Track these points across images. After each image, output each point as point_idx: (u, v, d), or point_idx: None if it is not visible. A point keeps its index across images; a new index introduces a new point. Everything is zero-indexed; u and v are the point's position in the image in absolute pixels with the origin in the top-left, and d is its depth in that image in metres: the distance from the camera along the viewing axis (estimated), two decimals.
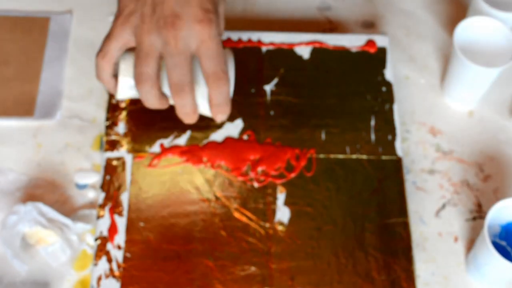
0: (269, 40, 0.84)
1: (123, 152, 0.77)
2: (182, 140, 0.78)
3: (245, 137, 0.78)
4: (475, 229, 0.77)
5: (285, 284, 0.70)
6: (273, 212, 0.74)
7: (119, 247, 0.71)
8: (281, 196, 0.75)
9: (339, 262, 0.72)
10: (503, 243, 0.73)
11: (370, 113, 0.80)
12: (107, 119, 0.79)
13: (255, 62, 0.83)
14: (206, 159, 0.76)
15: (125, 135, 0.78)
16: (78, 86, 0.84)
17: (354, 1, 0.93)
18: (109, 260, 0.71)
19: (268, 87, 0.81)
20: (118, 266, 0.70)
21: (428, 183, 0.79)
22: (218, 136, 0.78)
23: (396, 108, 0.81)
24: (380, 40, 0.85)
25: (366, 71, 0.83)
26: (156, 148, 0.77)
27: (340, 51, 0.84)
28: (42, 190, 0.77)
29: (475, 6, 0.83)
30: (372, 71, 0.83)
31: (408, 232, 0.73)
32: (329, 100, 0.81)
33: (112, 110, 0.79)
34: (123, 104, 0.79)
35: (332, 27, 0.90)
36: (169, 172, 0.76)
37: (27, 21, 0.87)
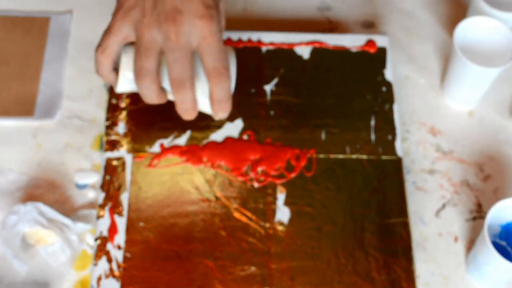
0: (269, 40, 0.84)
1: (123, 152, 0.77)
2: (182, 140, 0.78)
3: (245, 137, 0.78)
4: (475, 229, 0.77)
5: (285, 284, 0.70)
6: (273, 212, 0.74)
7: (119, 247, 0.71)
8: (281, 196, 0.75)
9: (339, 262, 0.72)
10: (503, 243, 0.73)
11: (370, 113, 0.80)
12: (107, 119, 0.79)
13: (255, 62, 0.83)
14: (206, 159, 0.76)
15: (125, 135, 0.78)
16: (78, 86, 0.84)
17: (354, 1, 0.93)
18: (109, 260, 0.71)
19: (268, 87, 0.81)
20: (118, 266, 0.70)
21: (428, 183, 0.79)
22: (218, 136, 0.78)
23: (396, 108, 0.81)
24: (380, 40, 0.85)
25: (366, 71, 0.83)
26: (156, 148, 0.77)
27: (340, 51, 0.84)
28: (42, 190, 0.77)
29: (475, 6, 0.83)
30: (372, 71, 0.83)
31: (408, 232, 0.73)
32: (329, 100, 0.81)
33: (112, 110, 0.79)
34: (123, 104, 0.79)
35: (332, 27, 0.90)
36: (169, 172, 0.76)
37: (27, 21, 0.87)
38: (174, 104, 0.64)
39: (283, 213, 0.74)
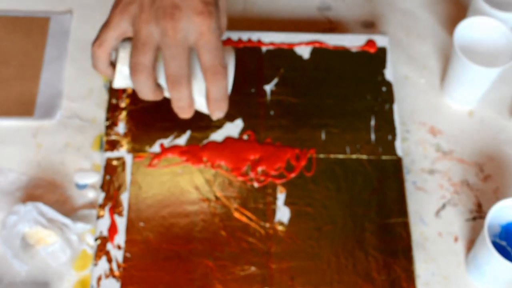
0: (269, 40, 0.84)
1: (123, 152, 0.77)
2: (182, 140, 0.78)
3: (245, 137, 0.78)
4: (475, 229, 0.77)
5: (285, 284, 0.70)
6: (273, 212, 0.74)
7: (119, 247, 0.71)
8: (281, 196, 0.75)
9: (339, 262, 0.72)
10: (503, 243, 0.73)
11: (370, 113, 0.80)
12: (107, 119, 0.79)
13: (255, 62, 0.83)
14: (206, 159, 0.76)
15: (125, 135, 0.78)
16: (78, 86, 0.84)
17: (354, 1, 0.93)
18: (109, 260, 0.71)
19: (268, 87, 0.81)
20: (118, 266, 0.70)
21: (428, 183, 0.79)
22: (218, 136, 0.78)
23: (396, 108, 0.81)
24: (380, 40, 0.85)
25: (366, 71, 0.83)
26: (156, 148, 0.77)
27: (340, 51, 0.84)
28: (42, 190, 0.77)
29: (475, 6, 0.83)
30: (372, 71, 0.83)
31: (408, 232, 0.73)
32: (329, 100, 0.81)
33: (112, 110, 0.79)
34: (123, 104, 0.79)
35: (332, 27, 0.90)
36: (169, 172, 0.76)
37: (27, 21, 0.87)
38: (170, 102, 0.63)
39: (283, 213, 0.74)
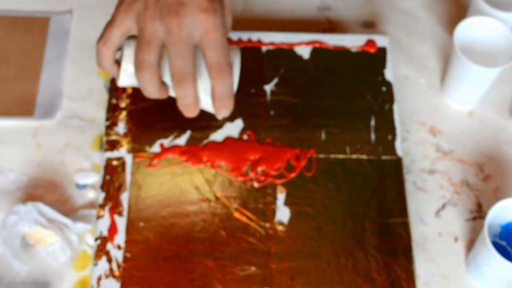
0: (269, 40, 0.84)
1: (123, 152, 0.77)
2: (182, 140, 0.78)
3: (245, 137, 0.78)
4: (475, 229, 0.77)
5: (285, 284, 0.70)
6: (273, 212, 0.74)
7: (119, 247, 0.71)
8: (281, 196, 0.75)
9: (339, 262, 0.72)
10: (503, 243, 0.73)
11: (370, 113, 0.80)
12: (107, 119, 0.79)
13: (255, 62, 0.83)
14: (206, 159, 0.76)
15: (125, 135, 0.78)
16: (78, 86, 0.84)
17: (354, 1, 0.93)
18: (109, 260, 0.71)
19: (268, 87, 0.81)
20: (118, 266, 0.70)
21: (428, 183, 0.79)
22: (218, 136, 0.78)
23: (396, 108, 0.81)
24: (380, 40, 0.85)
25: (366, 71, 0.83)
26: (156, 148, 0.77)
27: (340, 51, 0.84)
28: (42, 190, 0.77)
29: (475, 6, 0.83)
30: (372, 71, 0.83)
31: (408, 232, 0.73)
32: (329, 100, 0.81)
33: (112, 110, 0.79)
34: (123, 104, 0.79)
35: (332, 27, 0.90)
36: (169, 172, 0.76)
37: (27, 21, 0.87)
38: (176, 101, 0.63)
39: (283, 213, 0.74)
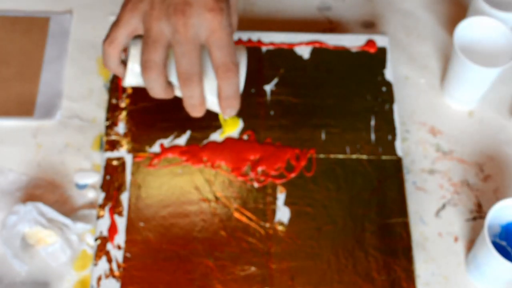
0: (269, 40, 0.84)
1: (123, 152, 0.77)
2: (182, 140, 0.78)
3: (245, 137, 0.78)
4: (475, 229, 0.77)
5: (285, 284, 0.70)
6: (273, 212, 0.74)
7: (119, 247, 0.71)
8: (281, 196, 0.75)
9: (339, 262, 0.72)
10: (503, 243, 0.73)
11: (370, 113, 0.80)
12: (107, 119, 0.79)
13: (255, 62, 0.83)
14: (206, 159, 0.76)
15: (125, 135, 0.78)
16: (78, 86, 0.84)
17: (354, 1, 0.93)
18: (109, 260, 0.71)
19: (268, 87, 0.81)
20: (118, 266, 0.70)
21: (428, 183, 0.79)
22: (218, 136, 0.78)
23: (396, 108, 0.81)
24: (380, 40, 0.85)
25: (366, 71, 0.83)
26: (156, 148, 0.77)
27: (340, 51, 0.84)
28: (42, 190, 0.77)
29: (475, 6, 0.83)
30: (372, 71, 0.83)
31: (408, 232, 0.73)
32: (329, 100, 0.81)
33: (112, 110, 0.79)
34: (123, 104, 0.79)
35: (332, 27, 0.90)
36: (169, 172, 0.76)
37: (27, 21, 0.87)
38: (182, 101, 0.62)
39: (283, 213, 0.74)
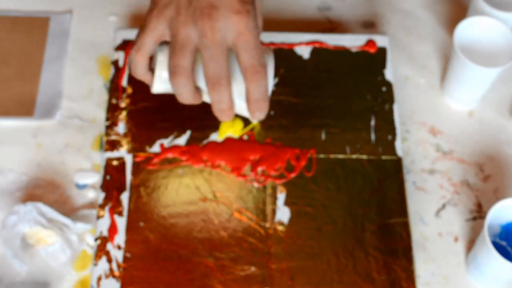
0: (269, 40, 0.84)
1: (123, 152, 0.77)
2: (182, 140, 0.78)
3: (245, 137, 0.78)
4: (475, 229, 0.77)
5: (285, 284, 0.70)
6: (273, 212, 0.74)
7: (119, 247, 0.71)
8: (281, 196, 0.75)
9: (339, 262, 0.72)
10: (503, 243, 0.73)
11: (370, 113, 0.80)
12: (107, 119, 0.79)
13: None
14: (206, 159, 0.76)
15: (125, 135, 0.78)
16: (78, 86, 0.84)
17: (354, 1, 0.93)
18: (109, 260, 0.71)
19: None
20: (118, 266, 0.70)
21: (428, 183, 0.79)
22: (218, 136, 0.78)
23: (396, 108, 0.81)
24: (380, 40, 0.85)
25: (366, 71, 0.83)
26: (156, 148, 0.77)
27: (340, 51, 0.84)
28: (42, 190, 0.77)
29: (475, 6, 0.83)
30: (372, 71, 0.83)
31: (408, 232, 0.73)
32: (329, 100, 0.81)
33: (112, 110, 0.79)
34: (123, 104, 0.79)
35: (332, 27, 0.90)
36: (169, 172, 0.76)
37: (27, 21, 0.87)
38: (210, 105, 0.62)
39: (283, 213, 0.74)
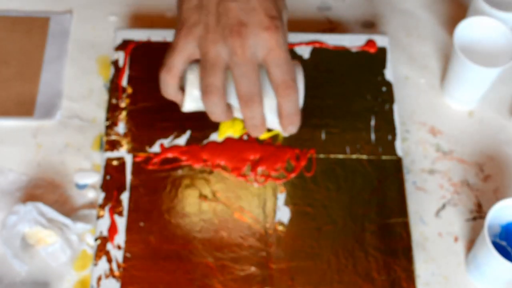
0: None
1: (123, 152, 0.77)
2: (182, 140, 0.78)
3: (245, 137, 0.78)
4: (475, 229, 0.77)
5: (285, 284, 0.70)
6: (273, 212, 0.74)
7: (119, 247, 0.71)
8: (281, 196, 0.75)
9: (339, 262, 0.72)
10: (503, 243, 0.73)
11: (370, 113, 0.80)
12: (107, 119, 0.79)
13: None
14: (206, 159, 0.76)
15: (125, 135, 0.78)
16: (78, 86, 0.84)
17: (354, 1, 0.93)
18: (109, 260, 0.71)
19: None
20: (118, 266, 0.70)
21: (428, 183, 0.79)
22: (218, 136, 0.78)
23: (396, 108, 0.81)
24: (380, 40, 0.85)
25: (366, 71, 0.83)
26: (156, 148, 0.77)
27: (340, 51, 0.84)
28: (42, 190, 0.77)
29: (475, 6, 0.83)
30: (372, 71, 0.83)
31: (408, 232, 0.73)
32: (329, 100, 0.81)
33: (112, 110, 0.79)
34: (123, 104, 0.79)
35: (332, 27, 0.90)
36: (169, 172, 0.76)
37: (27, 21, 0.87)
38: (243, 121, 0.62)
39: (283, 213, 0.74)
